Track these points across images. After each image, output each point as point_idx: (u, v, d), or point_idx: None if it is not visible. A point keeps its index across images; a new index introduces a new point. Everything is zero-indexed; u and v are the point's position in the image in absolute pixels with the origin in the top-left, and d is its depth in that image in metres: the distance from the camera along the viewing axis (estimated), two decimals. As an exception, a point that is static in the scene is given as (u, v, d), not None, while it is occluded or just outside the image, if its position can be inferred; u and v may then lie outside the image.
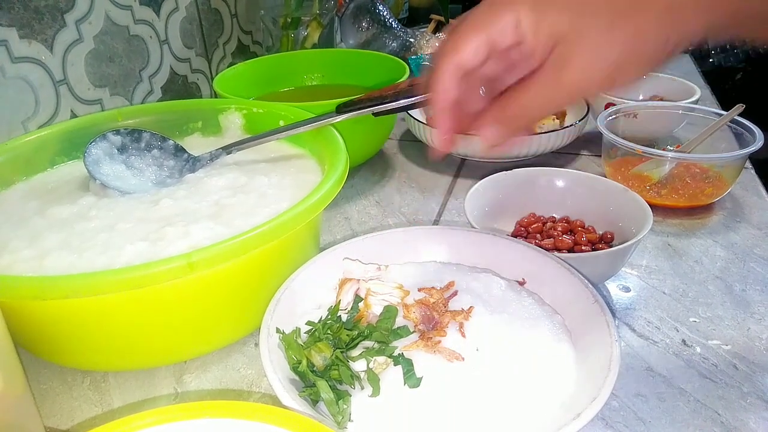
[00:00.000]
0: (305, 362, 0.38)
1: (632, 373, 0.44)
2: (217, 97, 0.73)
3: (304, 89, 0.88)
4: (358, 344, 0.40)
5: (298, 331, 0.41)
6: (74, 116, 0.69)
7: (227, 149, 0.58)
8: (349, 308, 0.43)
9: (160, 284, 0.38)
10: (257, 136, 0.58)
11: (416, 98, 0.52)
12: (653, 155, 0.64)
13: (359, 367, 0.38)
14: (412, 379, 0.36)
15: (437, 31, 1.20)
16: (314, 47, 0.99)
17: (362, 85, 0.86)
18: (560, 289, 0.43)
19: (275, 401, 0.33)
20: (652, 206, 0.53)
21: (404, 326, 0.41)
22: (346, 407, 0.35)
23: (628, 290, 0.53)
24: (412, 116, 0.76)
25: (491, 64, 0.36)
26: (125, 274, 0.37)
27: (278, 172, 0.57)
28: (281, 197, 0.52)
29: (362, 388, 0.37)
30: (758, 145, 0.63)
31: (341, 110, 0.55)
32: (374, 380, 0.37)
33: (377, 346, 0.39)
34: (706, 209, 0.65)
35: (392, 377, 0.37)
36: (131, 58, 0.78)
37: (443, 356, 0.38)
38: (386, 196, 0.71)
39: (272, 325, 0.39)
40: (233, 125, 0.65)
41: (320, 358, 0.38)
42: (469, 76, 0.36)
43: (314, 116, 0.57)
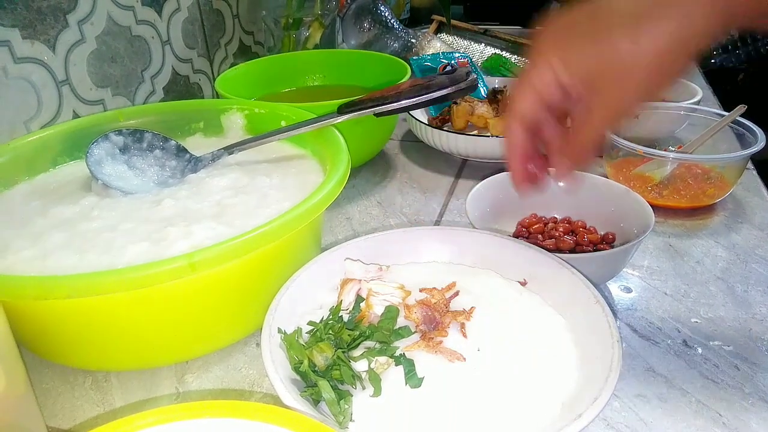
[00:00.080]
0: (307, 362, 0.38)
1: (633, 373, 0.44)
2: (218, 97, 0.73)
3: (305, 90, 0.88)
4: (359, 344, 0.40)
5: (299, 331, 0.41)
6: (76, 116, 0.69)
7: (229, 149, 0.58)
8: (350, 308, 0.43)
9: (162, 284, 0.38)
10: (259, 136, 0.58)
11: (423, 97, 0.52)
12: (655, 156, 0.64)
13: (361, 367, 0.38)
14: (413, 379, 0.36)
15: (438, 31, 1.20)
16: (316, 48, 0.99)
17: (364, 85, 0.86)
18: (562, 289, 0.43)
19: (277, 401, 0.33)
20: (653, 207, 0.53)
21: (405, 326, 0.41)
22: (347, 407, 0.35)
23: (629, 291, 0.53)
24: (413, 117, 0.76)
25: (552, 110, 0.41)
26: (127, 274, 0.37)
27: (280, 172, 0.57)
28: (283, 197, 0.52)
29: (364, 388, 0.37)
30: (760, 145, 0.63)
31: (343, 111, 0.55)
32: (376, 380, 0.37)
33: (379, 346, 0.39)
34: (707, 210, 0.65)
35: (394, 377, 0.37)
36: (133, 58, 0.78)
37: (444, 356, 0.38)
38: (388, 196, 0.71)
39: (274, 325, 0.39)
40: (235, 126, 0.65)
41: (322, 358, 0.38)
42: (534, 124, 0.41)
43: (316, 117, 0.57)
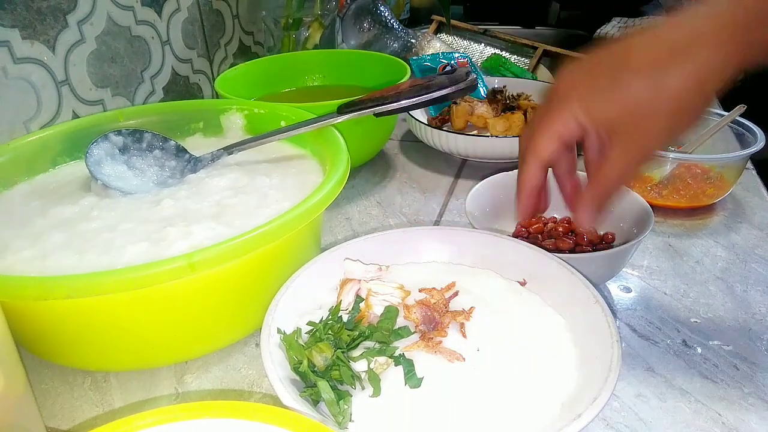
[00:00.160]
0: (306, 362, 0.38)
1: (633, 373, 0.44)
2: (218, 97, 0.73)
3: (305, 90, 0.88)
4: (359, 344, 0.40)
5: (299, 331, 0.41)
6: (76, 117, 0.69)
7: (229, 150, 0.58)
8: (350, 308, 0.43)
9: (161, 284, 0.38)
10: (259, 136, 0.58)
11: (423, 97, 0.52)
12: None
13: (360, 367, 0.38)
14: (413, 379, 0.36)
15: (438, 31, 1.20)
16: (315, 48, 0.99)
17: (363, 85, 0.86)
18: (561, 289, 0.43)
19: (276, 401, 0.33)
20: (653, 207, 0.53)
21: (405, 327, 0.41)
22: (347, 407, 0.35)
23: (629, 291, 0.53)
24: (413, 117, 0.76)
25: (568, 152, 0.44)
26: (127, 274, 0.37)
27: (279, 172, 0.57)
28: (282, 198, 0.52)
29: (363, 388, 0.37)
30: (759, 145, 0.63)
31: (342, 111, 0.55)
32: (375, 380, 0.37)
33: (378, 346, 0.39)
34: (707, 210, 0.65)
35: (393, 377, 0.37)
36: (133, 58, 0.78)
37: (444, 356, 0.38)
38: (387, 196, 0.71)
39: (273, 325, 0.39)
40: (235, 126, 0.65)
41: (321, 358, 0.38)
42: (551, 162, 0.43)
43: (315, 117, 0.57)
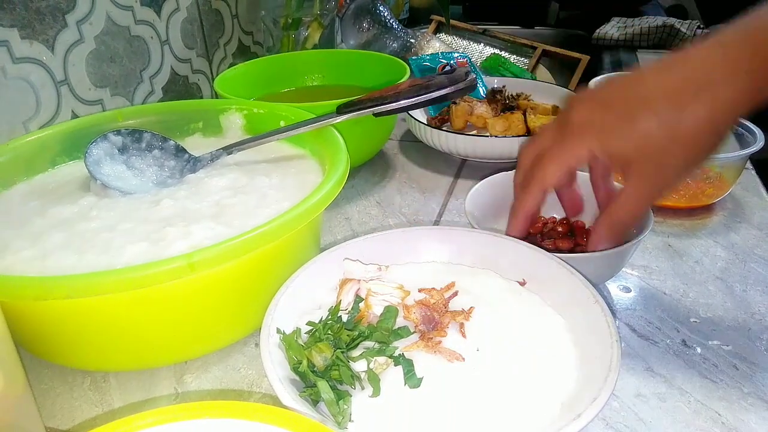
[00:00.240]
0: (306, 362, 0.38)
1: (633, 373, 0.44)
2: (217, 97, 0.73)
3: (304, 90, 0.88)
4: (358, 344, 0.40)
5: (298, 331, 0.41)
6: (75, 116, 0.69)
7: (228, 149, 0.58)
8: (349, 308, 0.43)
9: (160, 284, 0.38)
10: (258, 136, 0.58)
11: (422, 97, 0.52)
12: (654, 156, 0.64)
13: (360, 367, 0.38)
14: (412, 379, 0.36)
15: (438, 31, 1.20)
16: (315, 48, 0.99)
17: (363, 85, 0.86)
18: (561, 289, 0.43)
19: (276, 401, 0.33)
20: (652, 207, 0.53)
21: (405, 326, 0.41)
22: (346, 407, 0.35)
23: (628, 291, 0.53)
24: (412, 117, 0.76)
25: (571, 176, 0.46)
26: (126, 274, 0.37)
27: (279, 172, 0.57)
28: (282, 197, 0.52)
29: (363, 388, 0.37)
30: (759, 145, 0.63)
31: (342, 111, 0.55)
32: (375, 380, 0.37)
33: (378, 346, 0.39)
34: (706, 210, 0.65)
35: (393, 377, 0.37)
36: (132, 58, 0.78)
37: (444, 356, 0.38)
38: (387, 196, 0.71)
39: (273, 325, 0.39)
40: (234, 126, 0.65)
41: (321, 358, 0.38)
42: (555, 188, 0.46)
43: (315, 117, 0.57)
